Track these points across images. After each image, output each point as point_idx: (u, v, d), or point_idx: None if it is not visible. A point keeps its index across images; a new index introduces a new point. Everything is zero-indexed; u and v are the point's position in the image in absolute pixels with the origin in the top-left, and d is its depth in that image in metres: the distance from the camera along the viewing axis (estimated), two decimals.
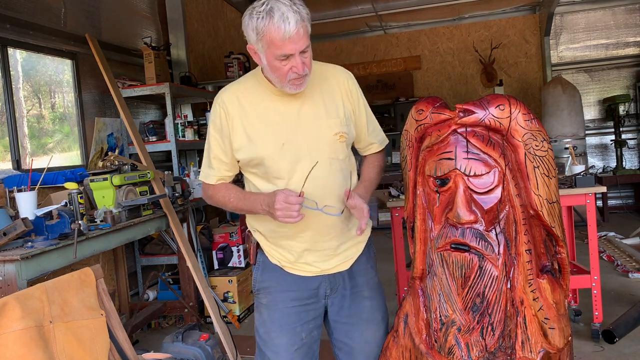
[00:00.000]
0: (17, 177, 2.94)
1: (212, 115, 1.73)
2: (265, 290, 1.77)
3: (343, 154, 1.73)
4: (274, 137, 1.65)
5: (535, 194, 1.44)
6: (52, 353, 1.91)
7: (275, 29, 1.49)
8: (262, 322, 1.78)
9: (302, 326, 1.74)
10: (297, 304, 1.73)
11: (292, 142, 1.65)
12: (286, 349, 1.73)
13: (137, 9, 4.73)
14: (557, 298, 1.48)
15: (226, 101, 1.69)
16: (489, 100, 1.45)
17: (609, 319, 3.28)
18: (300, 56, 1.55)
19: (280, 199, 1.53)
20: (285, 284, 1.74)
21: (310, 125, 1.67)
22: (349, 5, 7.25)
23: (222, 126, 1.69)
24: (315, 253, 1.72)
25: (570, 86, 6.80)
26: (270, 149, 1.64)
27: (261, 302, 1.79)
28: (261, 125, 1.66)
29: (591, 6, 7.72)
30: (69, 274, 2.17)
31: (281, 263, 1.74)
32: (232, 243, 4.31)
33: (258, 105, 1.67)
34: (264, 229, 1.76)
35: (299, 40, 1.52)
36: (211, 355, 2.75)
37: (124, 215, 3.01)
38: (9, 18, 3.23)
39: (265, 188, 1.69)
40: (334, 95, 1.72)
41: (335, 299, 1.77)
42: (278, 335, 1.74)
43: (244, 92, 1.70)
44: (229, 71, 5.34)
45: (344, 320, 1.78)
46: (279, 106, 1.67)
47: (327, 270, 1.74)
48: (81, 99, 3.92)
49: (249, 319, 4.11)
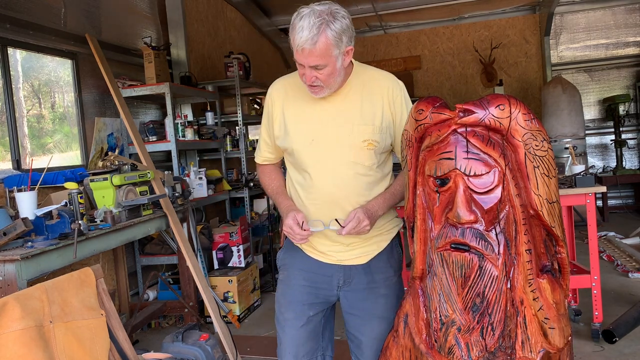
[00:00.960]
0: (17, 177, 2.94)
1: (265, 102, 1.86)
2: (284, 267, 1.89)
3: (370, 161, 1.74)
4: (305, 132, 1.74)
5: (535, 194, 1.44)
6: (52, 353, 1.91)
7: (294, 35, 1.57)
8: (278, 297, 1.89)
9: (309, 305, 1.81)
10: (308, 284, 1.82)
11: (321, 140, 1.72)
12: (292, 324, 1.81)
13: (137, 9, 4.73)
14: (557, 298, 1.48)
15: (275, 90, 1.83)
16: (489, 100, 1.45)
17: (609, 319, 3.28)
18: (313, 70, 1.61)
19: (288, 222, 1.67)
20: (301, 264, 1.83)
21: (340, 127, 1.72)
22: (349, 5, 7.25)
23: (268, 112, 1.83)
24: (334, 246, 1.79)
25: (570, 86, 6.80)
26: (300, 143, 1.74)
27: (279, 279, 1.91)
28: (297, 119, 1.76)
29: (591, 6, 7.72)
30: (69, 274, 2.17)
31: (302, 246, 1.83)
32: (232, 243, 4.31)
33: (299, 100, 1.77)
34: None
35: (310, 56, 1.58)
36: (211, 355, 2.75)
37: (124, 215, 3.01)
38: (9, 18, 3.23)
39: (295, 177, 1.82)
40: (374, 102, 1.74)
41: (348, 292, 1.82)
42: (287, 310, 1.83)
43: (292, 86, 1.80)
44: (229, 71, 5.34)
45: (356, 313, 1.83)
46: (316, 105, 1.75)
47: (343, 260, 1.79)
48: (81, 99, 3.92)
49: (249, 319, 4.11)
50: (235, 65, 5.23)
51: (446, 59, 8.38)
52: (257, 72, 6.12)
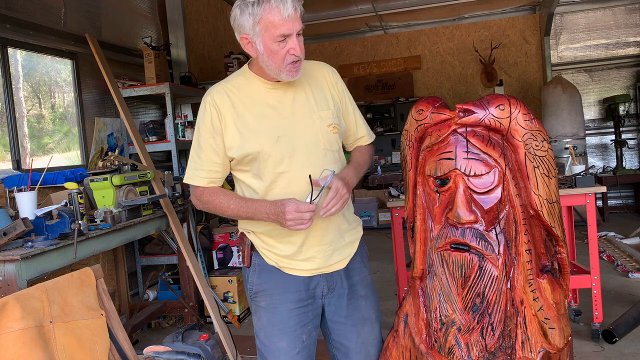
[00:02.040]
0: (17, 177, 2.94)
1: (201, 115, 1.70)
2: (264, 293, 1.74)
3: (337, 146, 1.75)
4: (268, 131, 1.64)
5: (535, 194, 1.44)
6: (52, 353, 1.91)
7: (274, 9, 1.53)
8: (262, 326, 1.75)
9: (302, 328, 1.72)
10: (296, 305, 1.71)
11: (287, 135, 1.65)
12: (287, 352, 1.71)
13: (137, 9, 4.73)
14: (557, 298, 1.48)
15: (217, 100, 1.68)
16: (489, 100, 1.45)
17: (609, 319, 3.28)
18: (296, 38, 1.58)
19: (291, 209, 1.53)
20: (284, 286, 1.71)
21: (304, 118, 1.68)
22: (349, 5, 7.25)
23: (213, 125, 1.67)
24: (315, 247, 1.70)
25: (570, 86, 6.80)
26: (264, 144, 1.63)
27: (260, 306, 1.75)
28: (255, 121, 1.65)
29: (591, 6, 7.72)
30: (69, 274, 2.17)
31: (279, 264, 1.71)
32: (232, 243, 4.31)
33: (250, 102, 1.68)
34: (262, 229, 1.73)
35: (296, 20, 1.56)
36: (211, 355, 2.75)
37: (124, 215, 3.01)
38: (9, 18, 3.23)
39: (258, 186, 1.68)
40: (322, 88, 1.75)
41: (332, 299, 1.76)
42: (279, 339, 1.71)
43: (233, 90, 1.69)
44: (229, 71, 5.34)
45: (341, 320, 1.77)
46: (271, 101, 1.68)
47: (325, 268, 1.72)
48: (81, 99, 3.92)
49: (249, 319, 4.11)
50: (235, 65, 5.23)
51: (446, 59, 8.38)
52: None
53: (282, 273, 1.72)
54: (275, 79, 1.66)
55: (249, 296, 1.79)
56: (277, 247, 1.71)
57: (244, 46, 1.65)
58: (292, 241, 1.69)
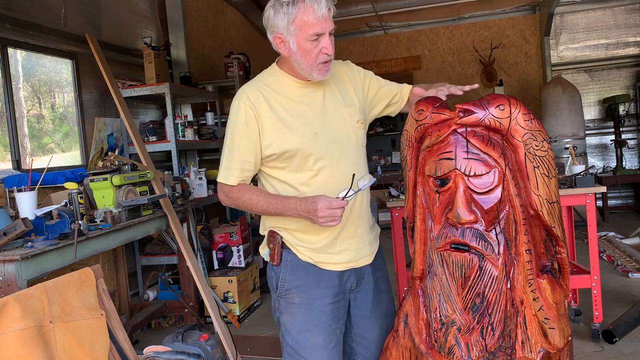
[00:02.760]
0: (17, 177, 2.94)
1: (234, 115, 1.71)
2: (297, 289, 1.75)
3: (364, 140, 1.83)
4: (305, 128, 1.69)
5: (535, 194, 1.44)
6: (52, 353, 1.91)
7: (308, 8, 1.59)
8: (295, 324, 1.75)
9: (336, 323, 1.76)
10: (331, 300, 1.74)
11: (323, 131, 1.70)
12: (323, 347, 1.72)
13: (137, 9, 4.73)
14: (557, 298, 1.48)
15: (252, 99, 1.69)
16: (489, 100, 1.45)
17: (609, 319, 3.28)
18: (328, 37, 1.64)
19: (323, 206, 1.55)
20: (319, 281, 1.74)
21: (335, 114, 1.74)
22: (349, 5, 7.25)
23: (248, 125, 1.68)
24: (349, 240, 1.76)
25: (570, 86, 6.80)
26: (303, 140, 1.67)
27: (293, 302, 1.75)
28: (291, 118, 1.69)
29: (591, 6, 7.72)
30: (69, 274, 2.17)
31: (313, 259, 1.74)
32: (232, 243, 4.31)
33: (284, 100, 1.71)
34: (295, 226, 1.74)
35: (329, 20, 1.62)
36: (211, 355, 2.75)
37: (124, 215, 3.01)
38: (9, 18, 3.23)
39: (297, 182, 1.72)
40: (345, 85, 1.81)
41: (358, 294, 1.81)
42: (314, 335, 1.73)
43: (266, 89, 1.72)
44: (229, 71, 5.34)
45: (366, 314, 1.83)
46: (303, 98, 1.73)
47: (355, 262, 1.78)
48: (81, 99, 3.92)
49: (249, 319, 4.11)
50: (235, 65, 5.24)
51: (446, 59, 8.38)
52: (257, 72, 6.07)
53: (316, 268, 1.74)
54: (306, 78, 1.71)
55: (277, 294, 1.79)
56: (311, 242, 1.74)
57: (277, 45, 1.70)
58: (326, 232, 1.73)
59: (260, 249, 1.92)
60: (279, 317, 1.81)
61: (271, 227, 1.80)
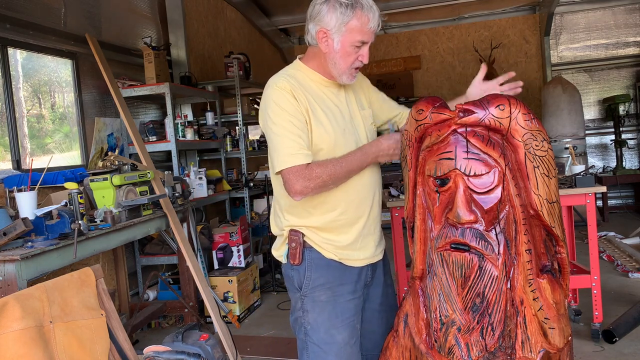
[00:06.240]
0: (17, 177, 2.94)
1: (281, 101, 1.66)
2: (323, 287, 1.75)
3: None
4: (335, 123, 1.74)
5: (535, 194, 1.44)
6: (52, 353, 1.91)
7: (364, 17, 1.68)
8: (323, 321, 1.75)
9: (357, 318, 1.81)
10: (353, 296, 1.79)
11: (349, 128, 1.77)
12: (347, 342, 1.76)
13: (137, 9, 4.73)
14: (557, 298, 1.48)
15: (289, 88, 1.68)
16: (489, 100, 1.45)
17: (609, 319, 3.28)
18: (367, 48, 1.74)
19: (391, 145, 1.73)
20: (342, 277, 1.77)
21: (356, 115, 1.83)
22: None
23: (295, 109, 1.66)
24: (369, 236, 1.83)
25: (570, 86, 6.80)
26: (335, 134, 1.72)
27: (320, 300, 1.75)
28: (323, 113, 1.73)
29: (591, 6, 7.72)
30: (69, 274, 2.17)
31: (338, 256, 1.75)
32: (232, 243, 4.31)
33: (314, 95, 1.74)
34: (318, 224, 1.75)
35: (374, 33, 1.73)
36: (211, 355, 2.75)
37: (124, 215, 3.01)
38: (9, 18, 3.23)
39: None
40: (358, 92, 1.90)
41: (370, 288, 1.87)
42: (339, 331, 1.75)
43: (297, 84, 1.72)
44: (229, 71, 5.34)
45: (376, 308, 1.89)
46: (330, 96, 1.78)
47: (372, 258, 1.84)
48: (81, 99, 3.92)
49: (249, 319, 4.11)
50: (235, 65, 5.23)
51: (446, 59, 8.38)
52: (257, 72, 6.12)
53: (339, 265, 1.77)
54: (334, 77, 1.76)
55: (301, 293, 1.78)
56: (335, 240, 1.76)
57: (317, 39, 1.72)
58: (351, 231, 1.78)
59: (274, 250, 1.89)
60: (300, 316, 1.80)
61: (291, 226, 1.78)
